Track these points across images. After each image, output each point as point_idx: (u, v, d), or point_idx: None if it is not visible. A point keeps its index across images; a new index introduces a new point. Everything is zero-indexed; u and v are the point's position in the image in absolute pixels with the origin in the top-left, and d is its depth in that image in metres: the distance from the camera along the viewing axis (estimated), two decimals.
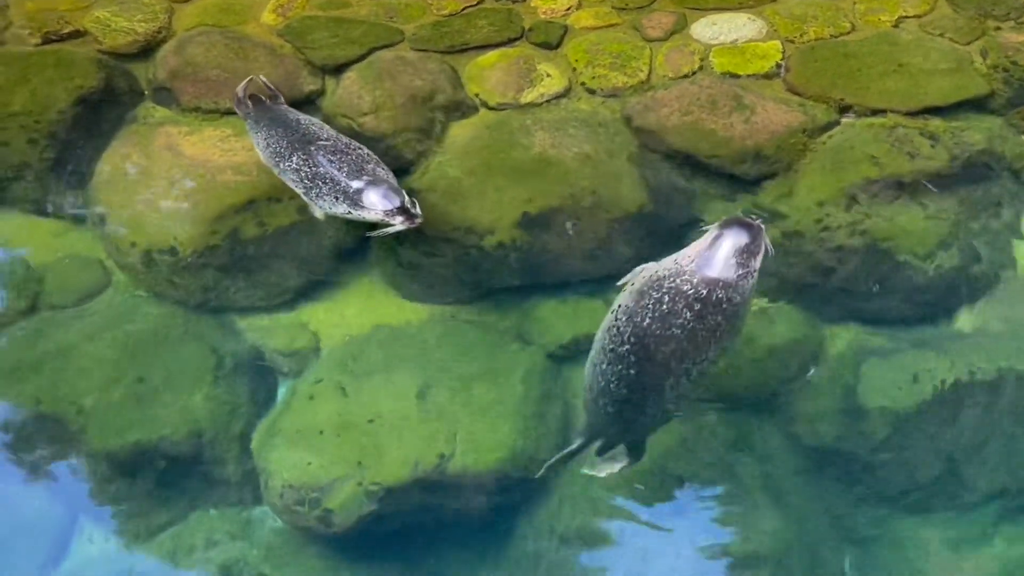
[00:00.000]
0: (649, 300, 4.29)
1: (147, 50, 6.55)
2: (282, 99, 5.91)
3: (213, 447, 5.18)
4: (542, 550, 5.04)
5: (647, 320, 4.28)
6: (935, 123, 6.01)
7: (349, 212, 5.25)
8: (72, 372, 5.25)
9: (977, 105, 6.17)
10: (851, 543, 5.13)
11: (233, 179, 5.77)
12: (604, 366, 4.46)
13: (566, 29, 6.69)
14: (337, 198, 5.26)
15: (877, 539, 5.12)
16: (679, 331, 4.23)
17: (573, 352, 5.48)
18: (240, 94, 5.81)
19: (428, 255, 5.59)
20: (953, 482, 5.17)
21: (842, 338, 5.49)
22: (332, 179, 5.25)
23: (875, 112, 6.10)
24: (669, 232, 5.83)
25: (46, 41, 6.56)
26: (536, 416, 5.16)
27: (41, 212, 5.99)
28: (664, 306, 4.26)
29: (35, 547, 5.09)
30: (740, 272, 4.24)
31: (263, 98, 5.83)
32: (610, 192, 5.72)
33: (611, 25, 6.72)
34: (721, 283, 4.22)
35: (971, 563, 5.02)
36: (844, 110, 6.14)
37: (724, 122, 5.99)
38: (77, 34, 6.59)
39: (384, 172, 5.38)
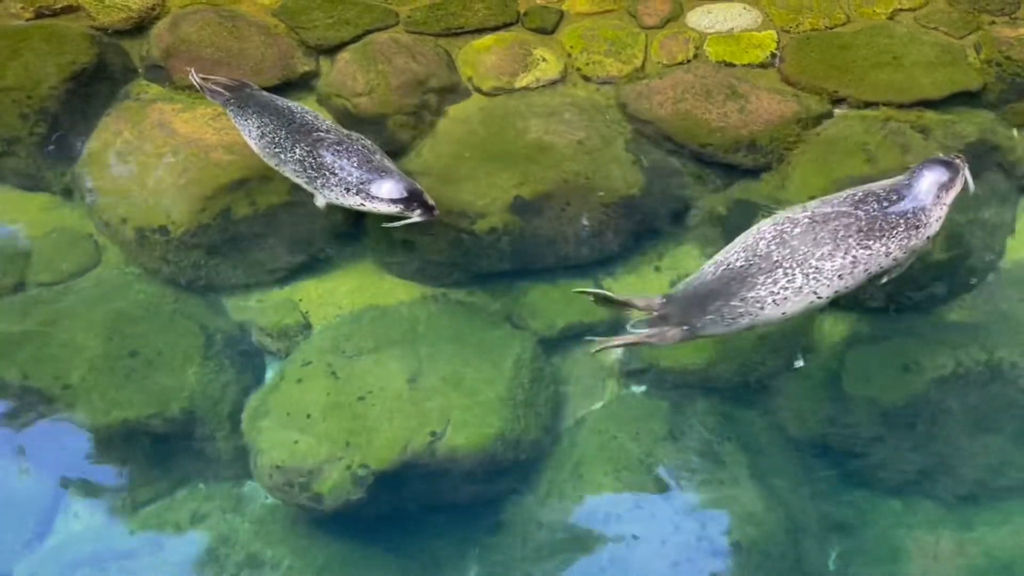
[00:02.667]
0: (846, 193, 4.82)
1: (141, 27, 6.51)
2: (254, 85, 5.73)
3: (203, 424, 5.18)
4: (528, 533, 5.05)
5: (841, 199, 4.79)
6: (928, 116, 6.03)
7: (362, 204, 5.20)
8: (61, 347, 5.24)
9: (970, 99, 6.18)
10: (836, 531, 5.15)
11: (225, 158, 5.75)
12: (766, 226, 4.73)
13: (562, 15, 6.68)
14: (348, 190, 5.19)
15: (862, 527, 5.14)
16: (863, 214, 4.69)
17: (563, 336, 5.50)
18: (208, 86, 5.60)
19: (420, 237, 5.58)
20: (938, 471, 5.19)
21: (831, 327, 5.50)
22: (341, 171, 5.18)
23: (868, 104, 6.12)
24: (662, 219, 5.85)
25: (39, 16, 6.51)
26: (526, 399, 5.17)
27: (32, 187, 5.97)
28: (857, 195, 4.78)
29: (20, 522, 5.08)
30: (933, 198, 4.81)
31: (233, 84, 5.67)
32: (603, 178, 5.73)
33: (607, 11, 6.72)
34: (914, 197, 4.78)
35: (955, 552, 5.04)
36: (838, 101, 6.15)
37: (718, 111, 6.00)
38: (70, 9, 6.55)
39: (390, 163, 5.33)
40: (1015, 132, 6.06)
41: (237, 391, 5.29)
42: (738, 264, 4.60)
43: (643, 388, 5.44)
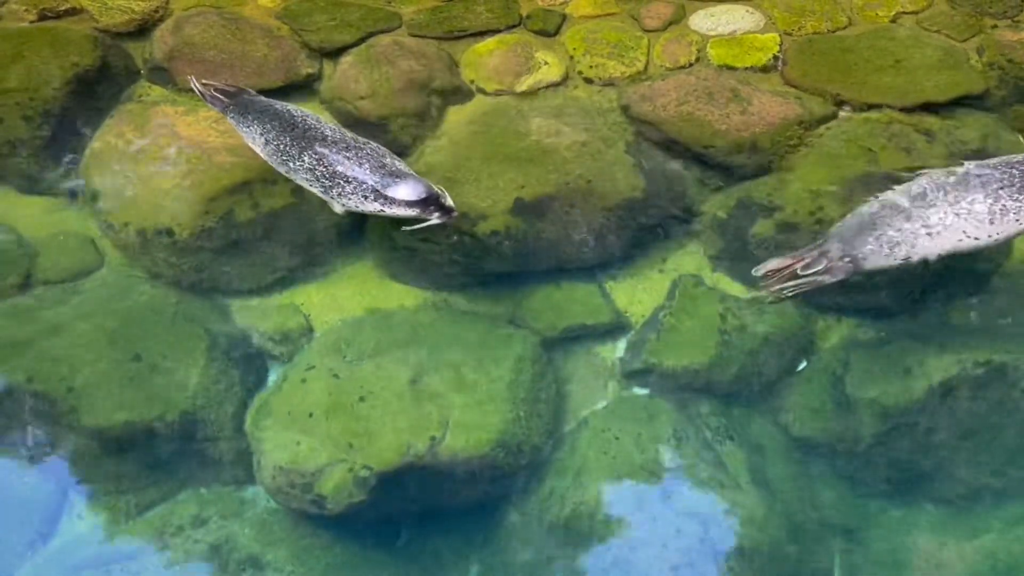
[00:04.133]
0: (1004, 157, 5.18)
1: (144, 29, 6.53)
2: (252, 91, 5.72)
3: (206, 427, 5.18)
4: (530, 536, 5.05)
5: (997, 160, 5.16)
6: (930, 119, 6.03)
7: (382, 210, 5.14)
8: (64, 350, 5.23)
9: (972, 102, 6.19)
10: (840, 535, 5.15)
11: (228, 160, 5.75)
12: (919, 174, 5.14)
13: (564, 17, 6.69)
14: (366, 196, 5.12)
15: (865, 531, 5.14)
16: (1017, 172, 5.02)
17: (565, 338, 5.50)
18: (208, 93, 5.60)
19: (422, 240, 5.58)
20: (941, 475, 5.19)
21: (834, 330, 5.51)
22: (356, 178, 5.12)
23: (871, 107, 6.12)
24: (664, 221, 5.85)
25: (42, 18, 6.53)
26: (528, 402, 5.17)
27: (35, 189, 5.98)
28: (1015, 159, 5.12)
29: (24, 524, 5.08)
30: None
31: (231, 89, 5.66)
32: (605, 180, 5.73)
33: (609, 14, 6.73)
34: None
35: (958, 556, 5.04)
36: (840, 104, 6.16)
37: (720, 113, 6.00)
38: (73, 11, 6.57)
39: (402, 165, 5.30)
40: (1020, 138, 6.06)
41: (240, 394, 5.29)
42: (894, 200, 5.00)
43: (645, 390, 5.44)
